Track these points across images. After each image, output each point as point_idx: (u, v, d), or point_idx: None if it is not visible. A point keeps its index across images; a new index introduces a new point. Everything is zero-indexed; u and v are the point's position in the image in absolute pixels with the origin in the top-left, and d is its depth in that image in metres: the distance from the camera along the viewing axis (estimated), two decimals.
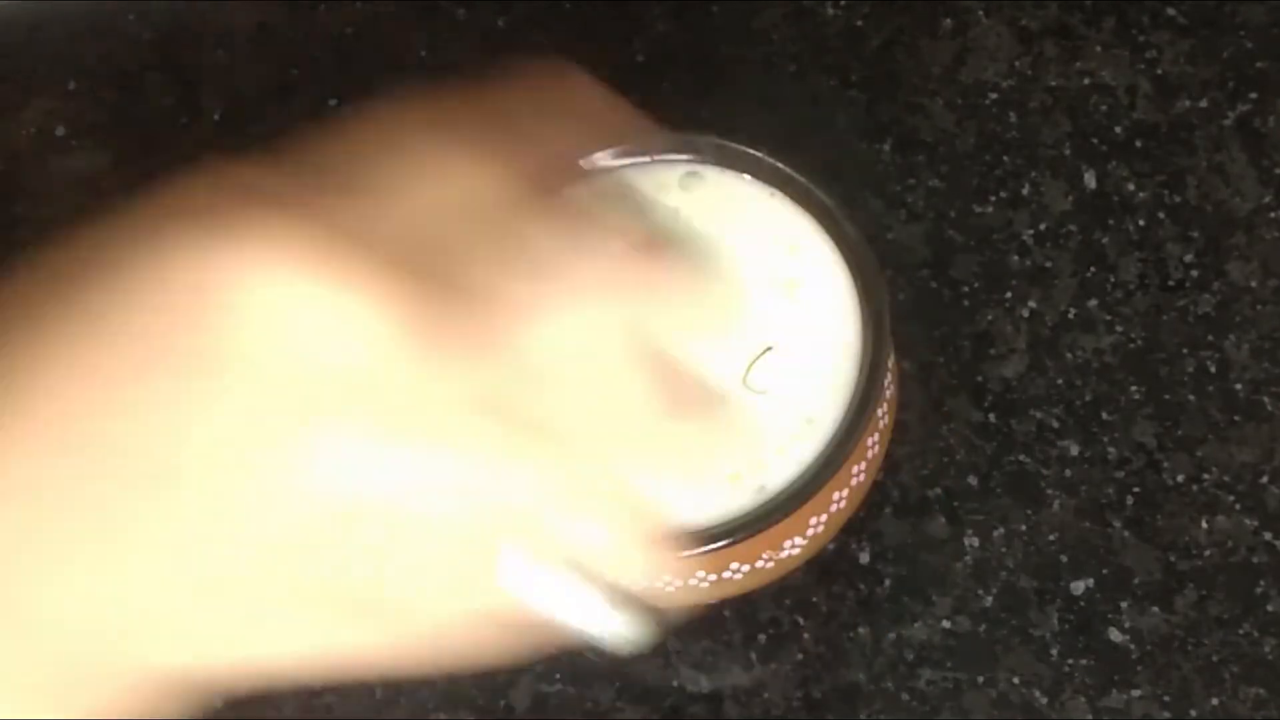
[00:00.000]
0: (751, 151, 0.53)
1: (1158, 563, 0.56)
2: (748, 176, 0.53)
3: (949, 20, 0.64)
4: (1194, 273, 0.60)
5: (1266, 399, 0.58)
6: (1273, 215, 0.60)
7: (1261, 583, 0.56)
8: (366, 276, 0.33)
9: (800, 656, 0.56)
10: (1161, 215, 0.61)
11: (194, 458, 0.33)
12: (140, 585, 0.34)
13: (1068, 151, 0.62)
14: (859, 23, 0.64)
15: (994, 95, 0.63)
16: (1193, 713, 0.54)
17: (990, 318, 0.60)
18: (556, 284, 0.35)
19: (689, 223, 0.52)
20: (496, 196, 0.35)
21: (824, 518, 0.51)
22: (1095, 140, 0.62)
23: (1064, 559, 0.56)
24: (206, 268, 0.33)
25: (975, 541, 0.57)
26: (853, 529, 0.56)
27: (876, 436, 0.51)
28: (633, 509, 0.36)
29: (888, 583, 0.56)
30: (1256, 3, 0.63)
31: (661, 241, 0.36)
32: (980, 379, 0.59)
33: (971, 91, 0.63)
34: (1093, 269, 0.60)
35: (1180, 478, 0.57)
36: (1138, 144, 0.62)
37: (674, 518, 0.49)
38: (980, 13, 0.64)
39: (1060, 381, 0.59)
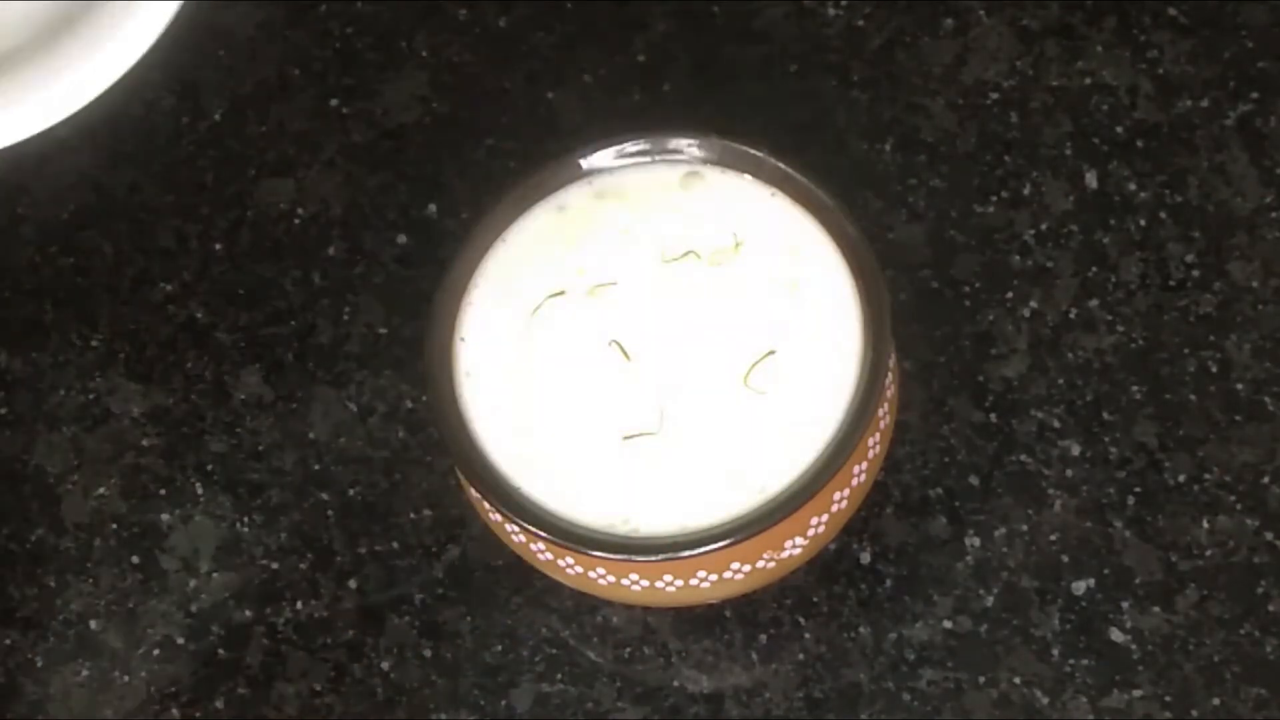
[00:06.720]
0: (752, 151, 0.53)
1: (1159, 563, 0.56)
2: (748, 176, 0.53)
3: (950, 20, 0.64)
4: (1195, 273, 0.60)
5: (1268, 399, 0.58)
6: (1274, 215, 0.60)
7: (1263, 583, 0.56)
8: None
9: (801, 656, 0.56)
10: (1163, 215, 0.61)
11: None
12: None
13: (1069, 151, 0.62)
14: (859, 23, 0.64)
15: (995, 95, 0.63)
16: (1194, 713, 0.54)
17: (991, 318, 0.60)
18: None
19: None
20: None
21: (825, 518, 0.51)
22: (1096, 140, 0.62)
23: (1065, 559, 0.56)
24: None
25: (976, 541, 0.57)
26: (854, 529, 0.56)
27: (877, 436, 0.51)
28: None
29: (889, 583, 0.56)
30: (1257, 3, 0.63)
31: None
32: (981, 379, 0.59)
33: (972, 91, 0.63)
34: (1094, 269, 0.60)
35: (1181, 478, 0.57)
36: (1139, 144, 0.62)
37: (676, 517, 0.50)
38: (981, 12, 0.64)
39: (1061, 381, 0.59)
